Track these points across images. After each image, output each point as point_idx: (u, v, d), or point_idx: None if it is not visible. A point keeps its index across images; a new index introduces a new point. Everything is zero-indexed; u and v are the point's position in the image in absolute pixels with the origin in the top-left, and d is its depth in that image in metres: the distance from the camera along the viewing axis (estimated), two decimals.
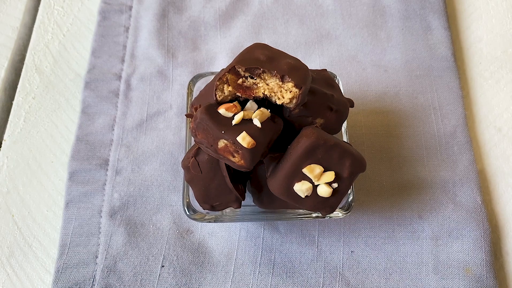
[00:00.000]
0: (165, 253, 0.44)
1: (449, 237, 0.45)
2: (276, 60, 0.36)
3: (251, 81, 0.36)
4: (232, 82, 0.36)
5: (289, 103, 0.35)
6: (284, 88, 0.35)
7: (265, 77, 0.36)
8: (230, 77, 0.36)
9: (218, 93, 0.36)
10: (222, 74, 0.36)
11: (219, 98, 0.36)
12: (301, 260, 0.44)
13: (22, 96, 0.53)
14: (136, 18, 0.56)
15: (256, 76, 0.36)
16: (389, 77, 0.52)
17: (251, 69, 0.35)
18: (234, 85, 0.36)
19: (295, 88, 0.35)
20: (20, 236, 0.46)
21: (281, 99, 0.35)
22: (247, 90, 0.36)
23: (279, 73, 0.35)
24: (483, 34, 0.56)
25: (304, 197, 0.36)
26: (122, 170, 0.48)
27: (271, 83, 0.35)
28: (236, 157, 0.35)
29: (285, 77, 0.35)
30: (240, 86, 0.36)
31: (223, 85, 0.36)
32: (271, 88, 0.36)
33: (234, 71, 0.36)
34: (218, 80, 0.36)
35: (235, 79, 0.36)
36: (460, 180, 0.47)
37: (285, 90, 0.35)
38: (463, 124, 0.50)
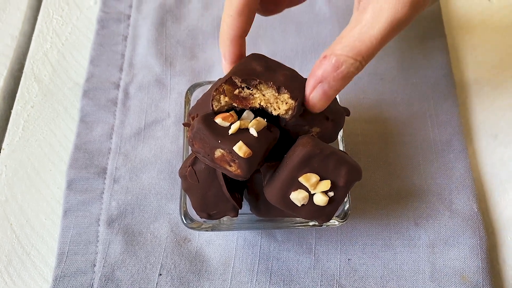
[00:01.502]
0: (162, 262, 0.44)
1: (446, 244, 0.45)
2: (272, 71, 0.36)
3: (248, 91, 0.36)
4: (228, 93, 0.36)
5: (285, 114, 0.36)
6: (280, 100, 0.35)
7: (261, 88, 0.36)
8: (226, 87, 0.36)
9: (215, 103, 0.36)
10: (219, 85, 0.36)
11: (215, 108, 0.36)
12: (298, 268, 0.44)
13: (21, 105, 0.53)
14: (135, 27, 0.57)
15: (253, 87, 0.36)
16: (385, 85, 0.53)
17: (248, 80, 0.36)
18: (230, 96, 0.36)
19: (291, 100, 0.35)
20: (18, 245, 0.46)
21: (277, 110, 0.36)
22: (244, 101, 0.36)
23: (275, 84, 0.35)
24: (479, 42, 0.57)
25: (300, 206, 0.36)
26: (120, 179, 0.48)
27: (267, 94, 0.36)
28: (232, 166, 0.35)
29: (281, 88, 0.35)
30: (236, 96, 0.36)
31: (220, 96, 0.36)
32: (267, 99, 0.36)
33: (230, 81, 0.36)
34: (214, 90, 0.36)
35: (232, 89, 0.36)
36: (456, 188, 0.47)
37: (281, 102, 0.35)
38: (459, 132, 0.50)
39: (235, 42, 0.39)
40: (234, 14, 0.38)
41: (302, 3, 0.47)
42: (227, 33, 0.38)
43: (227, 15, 0.38)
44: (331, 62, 0.34)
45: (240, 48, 0.39)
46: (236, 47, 0.39)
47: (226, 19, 0.38)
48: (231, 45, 0.39)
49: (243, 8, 0.37)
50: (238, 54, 0.39)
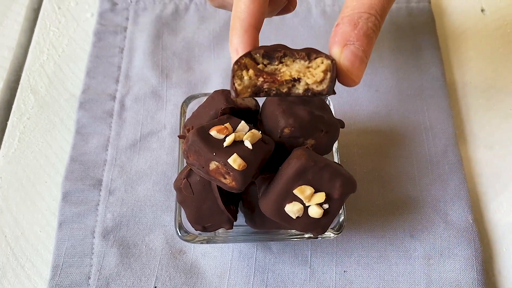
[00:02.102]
0: (157, 274, 0.44)
1: (441, 256, 0.45)
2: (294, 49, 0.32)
3: (272, 67, 0.31)
4: (252, 67, 0.30)
5: (323, 80, 0.30)
6: (313, 67, 0.30)
7: (286, 62, 0.31)
8: (248, 61, 0.30)
9: (237, 82, 0.30)
10: (239, 58, 0.30)
11: (238, 87, 0.30)
12: (294, 280, 0.44)
13: (17, 117, 0.53)
14: (131, 39, 0.57)
15: (277, 61, 0.31)
16: (380, 97, 0.53)
17: (270, 53, 0.30)
18: (255, 71, 0.30)
19: (327, 60, 0.30)
20: (12, 257, 0.46)
21: (312, 78, 0.30)
22: (271, 76, 0.30)
23: (303, 52, 0.30)
24: (473, 54, 0.57)
25: (295, 218, 0.36)
26: (115, 190, 0.48)
27: (295, 66, 0.31)
28: (227, 178, 0.35)
29: (311, 54, 0.30)
30: (261, 71, 0.30)
31: (242, 72, 0.30)
32: (297, 69, 0.30)
33: (250, 57, 0.30)
34: (235, 64, 0.30)
35: (255, 65, 0.31)
36: (451, 199, 0.47)
37: (314, 69, 0.30)
38: (454, 143, 0.50)
39: (249, 32, 0.33)
40: (247, 1, 0.33)
41: (290, 13, 0.45)
42: (240, 24, 0.33)
43: (239, 5, 0.34)
44: (345, 23, 0.31)
45: (255, 41, 0.34)
46: (252, 39, 0.33)
47: (238, 8, 0.34)
48: (245, 35, 0.33)
49: None
50: (252, 47, 0.33)
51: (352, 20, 0.31)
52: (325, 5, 0.59)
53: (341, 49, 0.31)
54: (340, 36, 0.31)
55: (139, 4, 0.59)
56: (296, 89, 0.31)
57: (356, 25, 0.31)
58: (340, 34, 0.31)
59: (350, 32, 0.31)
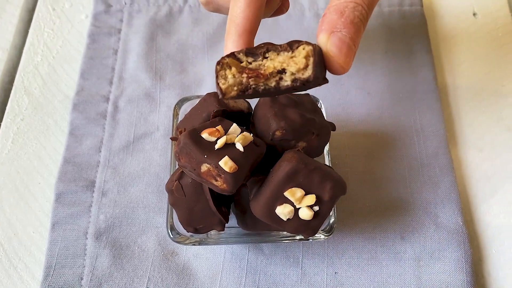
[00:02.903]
0: (150, 275, 0.44)
1: (431, 258, 0.45)
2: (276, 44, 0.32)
3: (255, 64, 0.31)
4: (234, 66, 0.30)
5: (306, 67, 0.30)
6: (296, 56, 0.30)
7: (271, 56, 0.31)
8: (230, 61, 0.30)
9: (221, 82, 0.30)
10: (221, 59, 0.30)
11: (223, 87, 0.30)
12: (285, 281, 0.44)
13: (10, 118, 0.53)
14: (125, 41, 0.57)
15: (261, 57, 0.31)
16: (372, 100, 0.53)
17: (253, 50, 0.31)
18: (238, 68, 0.30)
19: (307, 46, 0.30)
20: (5, 258, 0.46)
21: (295, 65, 0.30)
22: (255, 72, 0.30)
23: (286, 44, 0.31)
24: (465, 57, 0.58)
25: (286, 220, 0.36)
26: (108, 192, 0.48)
27: (279, 58, 0.31)
28: (218, 181, 0.35)
29: (293, 44, 0.30)
30: (245, 68, 0.31)
31: (225, 71, 0.30)
32: (281, 61, 0.30)
33: (234, 57, 0.30)
34: (217, 64, 0.30)
35: (237, 63, 0.31)
36: (441, 201, 0.48)
37: (296, 57, 0.30)
38: (445, 146, 0.51)
39: (244, 36, 0.34)
40: (242, 5, 0.34)
41: (283, 14, 0.45)
42: (235, 28, 0.34)
43: (234, 9, 0.34)
44: (332, 12, 0.31)
45: (249, 45, 0.34)
46: (245, 43, 0.34)
47: (235, 11, 0.34)
48: (240, 40, 0.33)
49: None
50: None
51: (338, 9, 0.31)
52: (318, 8, 0.60)
53: (328, 36, 0.31)
54: (326, 24, 0.31)
55: (133, 6, 0.60)
56: (284, 81, 0.31)
57: (343, 13, 0.31)
58: (326, 22, 0.31)
59: (336, 20, 0.31)
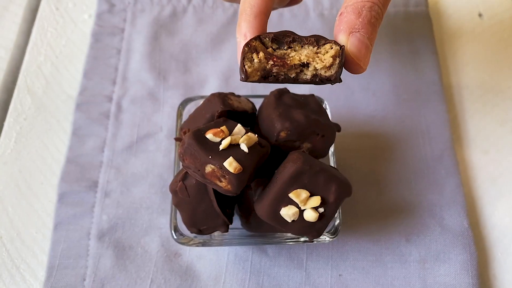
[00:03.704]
0: (153, 276, 0.44)
1: (436, 260, 0.45)
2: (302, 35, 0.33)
3: (281, 51, 0.31)
4: (262, 50, 0.31)
5: (332, 66, 0.31)
6: (321, 53, 0.31)
7: (295, 47, 0.31)
8: (258, 44, 0.31)
9: (247, 64, 0.31)
10: (249, 40, 0.31)
11: (248, 69, 0.30)
12: (289, 283, 0.44)
13: (13, 117, 0.53)
14: (128, 41, 0.57)
15: (286, 46, 0.31)
16: (377, 101, 0.53)
17: (280, 37, 0.31)
18: (266, 54, 0.31)
19: (336, 45, 0.31)
20: (8, 258, 0.46)
21: (321, 62, 0.31)
22: (281, 60, 0.31)
23: (313, 37, 0.31)
24: (470, 58, 0.57)
25: (290, 222, 0.36)
26: (111, 192, 0.48)
27: (304, 52, 0.31)
28: (223, 182, 0.35)
29: (320, 40, 0.31)
30: (272, 54, 0.31)
31: (252, 54, 0.31)
32: (306, 54, 0.31)
33: (260, 40, 0.31)
34: (246, 46, 0.31)
35: (264, 48, 0.31)
36: (447, 204, 0.47)
37: (322, 54, 0.31)
38: (450, 148, 0.50)
39: (259, 17, 0.34)
40: None
41: (296, 5, 0.45)
42: (250, 9, 0.34)
43: None
44: (349, 12, 0.32)
45: (264, 27, 0.34)
46: (261, 25, 0.34)
47: None
48: (256, 20, 0.33)
49: None
50: (261, 33, 0.33)
51: (356, 9, 0.32)
52: (323, 8, 0.59)
53: (347, 36, 0.32)
54: (345, 24, 0.32)
55: (136, 6, 0.59)
56: (304, 75, 0.32)
57: (360, 13, 0.32)
58: (345, 22, 0.32)
59: (355, 20, 0.32)
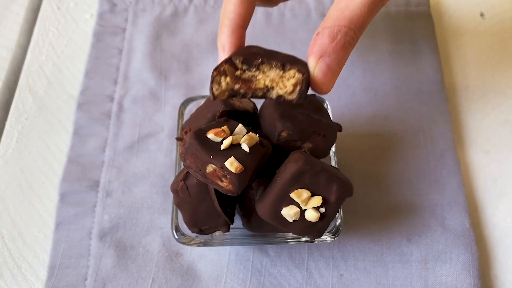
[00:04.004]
0: (154, 276, 0.44)
1: (438, 260, 0.45)
2: (273, 54, 0.35)
3: (249, 73, 0.34)
4: (230, 74, 0.33)
5: (292, 92, 0.33)
6: (286, 78, 0.33)
7: (264, 69, 0.34)
8: (227, 68, 0.33)
9: (215, 87, 0.33)
10: (219, 65, 0.33)
11: (215, 91, 0.33)
12: (290, 283, 0.44)
13: (15, 117, 0.53)
14: (130, 40, 0.57)
15: (255, 68, 0.34)
16: (379, 101, 0.53)
17: (249, 60, 0.33)
18: (232, 77, 0.33)
19: (298, 73, 0.33)
20: (9, 258, 0.46)
21: (284, 88, 0.33)
22: (247, 83, 0.33)
23: (279, 61, 0.33)
24: (472, 58, 0.57)
25: (292, 222, 0.36)
26: (112, 192, 0.48)
27: (271, 74, 0.33)
28: (224, 181, 0.35)
29: (286, 65, 0.33)
30: (238, 78, 0.33)
31: (220, 77, 0.33)
32: (272, 79, 0.33)
33: (230, 62, 0.33)
34: (215, 70, 0.33)
35: (233, 71, 0.33)
36: (448, 204, 0.47)
37: (286, 79, 0.33)
38: (451, 148, 0.50)
39: (236, 32, 0.36)
40: (236, 1, 0.36)
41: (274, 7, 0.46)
42: (228, 23, 0.36)
43: (229, 4, 0.36)
44: (325, 34, 0.33)
45: (241, 39, 0.37)
46: (237, 38, 0.36)
47: (228, 8, 0.36)
48: (233, 35, 0.36)
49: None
50: (238, 45, 0.37)
51: (331, 33, 0.33)
52: (324, 8, 0.59)
53: (317, 60, 0.33)
54: (318, 47, 0.33)
55: (138, 6, 0.59)
56: (270, 94, 0.34)
57: (335, 38, 0.33)
58: (318, 45, 0.33)
59: (328, 45, 0.33)
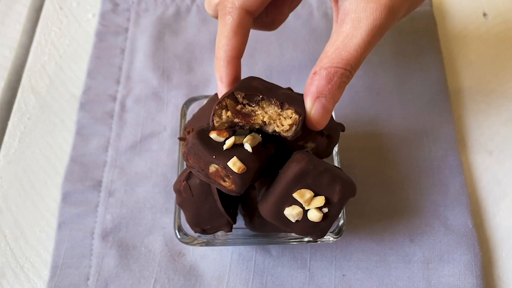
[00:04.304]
0: (156, 276, 0.44)
1: (440, 261, 0.45)
2: (273, 91, 0.36)
3: (250, 108, 0.35)
4: (231, 108, 0.35)
5: (288, 130, 0.35)
6: (283, 116, 0.35)
7: (263, 105, 0.35)
8: (229, 102, 0.35)
9: (216, 119, 0.35)
10: (221, 99, 0.35)
11: (216, 123, 0.35)
12: (293, 283, 0.44)
13: (17, 117, 0.53)
14: (132, 40, 0.57)
15: (255, 104, 0.35)
16: (382, 101, 0.53)
17: (250, 96, 0.35)
18: (233, 111, 0.35)
19: (295, 114, 0.34)
20: (12, 257, 0.46)
21: (280, 126, 0.35)
22: (246, 117, 0.35)
23: (278, 100, 0.35)
24: (475, 58, 0.57)
25: (294, 222, 0.36)
26: (115, 192, 0.48)
27: (270, 110, 0.35)
28: (227, 181, 0.35)
29: (284, 104, 0.35)
30: (238, 112, 0.35)
31: (222, 111, 0.35)
32: (270, 115, 0.35)
33: (232, 97, 0.35)
34: (217, 104, 0.35)
35: (234, 105, 0.35)
36: (451, 204, 0.47)
37: (283, 118, 0.35)
38: (454, 148, 0.50)
39: (232, 63, 0.38)
40: (229, 34, 0.37)
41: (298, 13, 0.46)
42: (223, 55, 0.38)
43: (222, 36, 0.38)
44: (322, 76, 0.34)
45: (237, 69, 0.39)
46: (233, 69, 0.38)
47: (222, 40, 0.38)
48: (228, 66, 0.38)
49: (238, 28, 0.37)
50: (234, 75, 0.39)
51: (328, 75, 0.34)
52: (327, 8, 0.59)
53: (313, 101, 0.35)
54: (315, 88, 0.34)
55: (140, 5, 0.59)
56: (267, 128, 0.35)
57: (331, 80, 0.34)
58: (315, 86, 0.34)
59: (324, 86, 0.34)
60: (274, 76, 0.55)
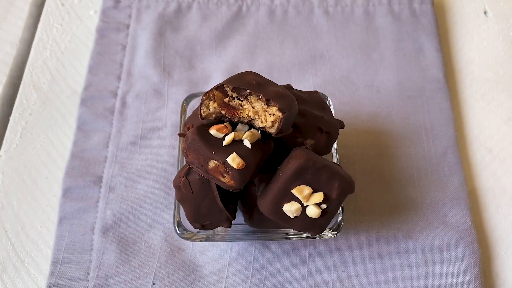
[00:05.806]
0: (156, 271, 0.44)
1: (439, 257, 0.45)
2: (264, 86, 0.36)
3: (237, 102, 0.36)
4: (218, 100, 0.36)
5: (271, 127, 0.36)
6: (268, 112, 0.35)
7: (251, 99, 0.36)
8: (217, 94, 0.36)
9: (203, 109, 0.36)
10: (209, 90, 0.36)
11: (203, 113, 0.36)
12: (292, 279, 0.44)
13: (19, 112, 0.53)
14: (134, 36, 0.57)
15: (243, 98, 0.36)
16: (381, 98, 0.53)
17: (239, 89, 0.36)
18: (220, 103, 0.36)
19: (279, 112, 0.35)
20: (13, 252, 0.46)
21: (264, 122, 0.36)
22: (232, 110, 0.36)
23: (265, 96, 0.35)
24: (475, 56, 0.57)
25: (293, 218, 0.36)
26: (115, 187, 0.48)
27: (257, 106, 0.36)
28: (226, 177, 0.35)
29: (270, 101, 0.35)
30: (225, 104, 0.36)
31: (209, 101, 0.36)
32: (256, 110, 0.36)
33: (222, 89, 0.36)
34: (205, 95, 0.36)
35: (222, 97, 0.36)
36: (450, 201, 0.47)
37: (269, 114, 0.35)
38: (454, 145, 0.50)
39: None
40: None
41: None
42: None
43: None
44: None
45: None
46: None
47: None
48: None
49: None
50: None
51: None
52: (328, 5, 0.59)
53: None
54: None
55: (142, 2, 0.60)
56: (254, 123, 0.37)
57: None
58: None
59: None
60: (275, 73, 0.55)
